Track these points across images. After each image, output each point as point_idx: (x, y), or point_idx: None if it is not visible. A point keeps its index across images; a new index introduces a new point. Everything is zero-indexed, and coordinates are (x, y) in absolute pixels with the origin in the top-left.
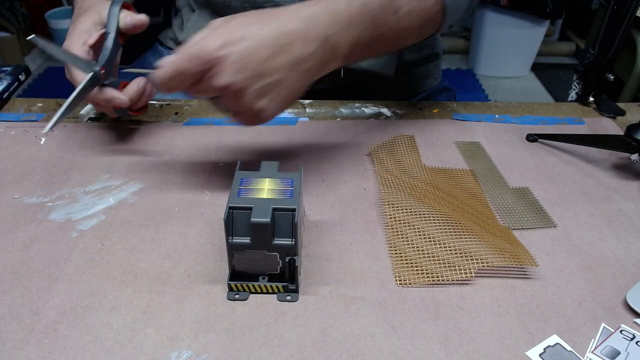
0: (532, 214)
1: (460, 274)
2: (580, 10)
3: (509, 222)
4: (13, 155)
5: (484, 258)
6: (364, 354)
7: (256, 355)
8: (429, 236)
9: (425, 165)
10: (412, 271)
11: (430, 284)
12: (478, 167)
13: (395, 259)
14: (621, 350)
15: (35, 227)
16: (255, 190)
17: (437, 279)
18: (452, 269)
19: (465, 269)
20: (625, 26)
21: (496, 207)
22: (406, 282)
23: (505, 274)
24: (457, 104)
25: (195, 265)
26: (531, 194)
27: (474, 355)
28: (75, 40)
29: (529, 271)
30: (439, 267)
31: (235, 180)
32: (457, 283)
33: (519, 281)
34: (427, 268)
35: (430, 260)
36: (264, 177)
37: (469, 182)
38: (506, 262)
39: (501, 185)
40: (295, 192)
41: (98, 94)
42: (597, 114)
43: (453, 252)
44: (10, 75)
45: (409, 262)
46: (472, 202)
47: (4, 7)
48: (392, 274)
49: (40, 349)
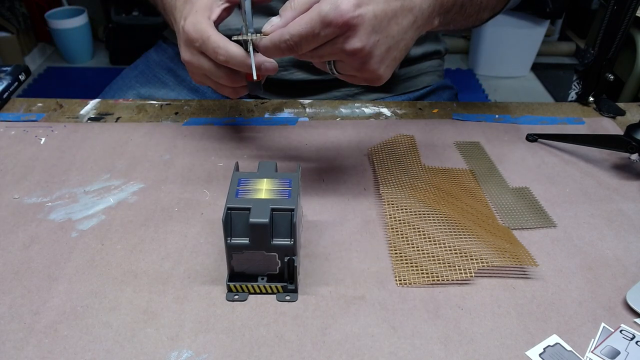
0: (532, 214)
1: (460, 274)
2: (580, 10)
3: (509, 222)
4: (13, 155)
5: (484, 258)
6: (364, 354)
7: (256, 355)
8: (429, 236)
9: (425, 165)
10: (412, 271)
11: (430, 284)
12: (478, 167)
13: (395, 259)
14: (621, 350)
15: (35, 227)
16: (254, 191)
17: (437, 279)
18: (452, 269)
19: (465, 269)
20: (625, 26)
21: (496, 207)
22: (406, 282)
23: (505, 274)
24: (457, 104)
25: (195, 265)
26: (531, 194)
27: (474, 355)
28: (200, 16)
29: (529, 271)
30: (439, 267)
31: (233, 181)
32: (457, 283)
33: (519, 281)
34: (427, 268)
35: (430, 260)
36: (262, 177)
37: (469, 182)
38: (506, 262)
39: (501, 185)
40: (294, 192)
41: (247, 59)
42: (597, 114)
43: (453, 252)
44: (10, 75)
45: (409, 262)
46: (472, 202)
47: (4, 7)
48: (392, 274)
49: (40, 349)
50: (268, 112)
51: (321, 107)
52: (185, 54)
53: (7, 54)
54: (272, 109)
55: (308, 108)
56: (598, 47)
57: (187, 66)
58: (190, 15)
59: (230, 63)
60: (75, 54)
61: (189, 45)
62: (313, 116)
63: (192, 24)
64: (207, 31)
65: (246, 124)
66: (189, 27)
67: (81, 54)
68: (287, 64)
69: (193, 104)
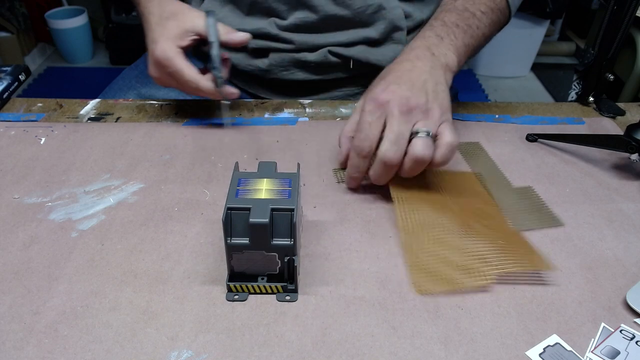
0: (539, 214)
1: (479, 280)
2: (580, 10)
3: (519, 224)
4: (13, 155)
5: (501, 264)
6: (364, 354)
7: (256, 355)
8: (445, 240)
9: (432, 169)
10: (430, 278)
11: (449, 292)
12: (481, 168)
13: (411, 266)
14: (621, 350)
15: (35, 227)
16: (253, 191)
17: (457, 285)
18: (471, 275)
19: (484, 274)
20: (625, 26)
21: (504, 210)
22: (425, 289)
23: (506, 274)
24: (457, 104)
25: (195, 265)
26: (535, 193)
27: (474, 355)
28: (171, 43)
29: (529, 271)
30: (457, 273)
31: (233, 181)
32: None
33: (518, 281)
34: (445, 274)
35: (447, 265)
36: (262, 177)
37: (476, 185)
38: (525, 267)
39: (505, 186)
40: (294, 192)
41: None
42: (597, 114)
43: (471, 257)
44: (10, 75)
45: (426, 269)
46: (483, 206)
47: (4, 7)
48: (392, 274)
49: (40, 349)
50: (268, 112)
51: (321, 107)
52: (153, 72)
53: (7, 54)
54: (272, 109)
55: (308, 108)
56: (598, 47)
57: (154, 79)
58: (161, 41)
59: (199, 94)
60: (75, 54)
61: (159, 67)
62: (313, 116)
63: (162, 51)
64: (177, 63)
65: (246, 124)
66: (160, 53)
67: (81, 54)
68: (287, 64)
69: (193, 104)
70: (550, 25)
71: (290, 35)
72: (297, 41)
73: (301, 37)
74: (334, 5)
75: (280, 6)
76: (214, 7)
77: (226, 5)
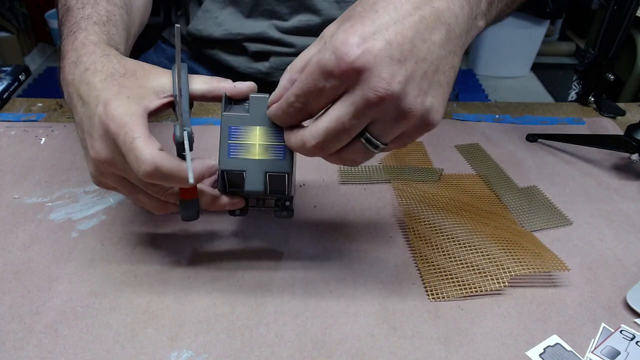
0: (547, 214)
1: (494, 284)
2: (580, 10)
3: (527, 224)
4: (13, 155)
5: (515, 266)
6: (364, 354)
7: (256, 355)
8: (458, 241)
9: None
10: (444, 281)
11: (464, 297)
12: (483, 170)
13: (422, 267)
14: (621, 350)
15: (35, 227)
16: (247, 147)
17: (472, 290)
18: (486, 278)
19: (498, 277)
20: (625, 26)
21: (512, 211)
22: (440, 295)
23: (517, 276)
24: (457, 104)
25: (195, 265)
26: (541, 193)
27: (474, 355)
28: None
29: (529, 271)
30: (472, 275)
31: (224, 129)
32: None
33: (518, 281)
34: (460, 276)
35: (462, 267)
36: (254, 124)
37: (483, 187)
38: (539, 269)
39: (511, 187)
40: (288, 152)
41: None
42: (597, 114)
43: (486, 259)
44: (10, 75)
45: (440, 271)
46: (492, 208)
47: (4, 7)
48: (392, 274)
49: (40, 349)
50: None
51: None
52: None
53: (7, 54)
54: None
55: None
56: (598, 47)
57: (94, 179)
58: (118, 99)
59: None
60: None
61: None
62: None
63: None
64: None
65: None
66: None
67: None
68: (287, 64)
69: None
70: (550, 25)
71: (291, 38)
72: (299, 44)
73: (302, 40)
74: (338, 9)
75: (282, 9)
76: (213, 9)
77: (226, 7)
